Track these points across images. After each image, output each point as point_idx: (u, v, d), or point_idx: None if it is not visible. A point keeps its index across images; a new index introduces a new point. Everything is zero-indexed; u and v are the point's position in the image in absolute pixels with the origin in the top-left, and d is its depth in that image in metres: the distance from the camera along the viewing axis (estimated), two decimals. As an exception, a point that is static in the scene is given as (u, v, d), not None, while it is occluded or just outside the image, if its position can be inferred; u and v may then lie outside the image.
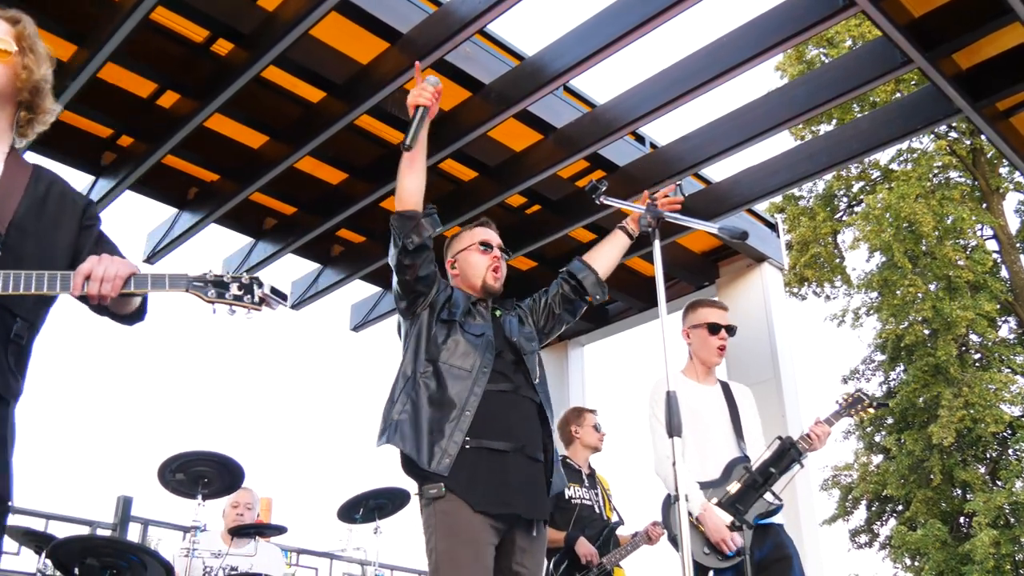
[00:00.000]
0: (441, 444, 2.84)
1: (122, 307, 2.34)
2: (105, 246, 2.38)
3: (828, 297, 23.42)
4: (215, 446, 5.02)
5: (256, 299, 2.41)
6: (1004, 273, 20.94)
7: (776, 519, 3.80)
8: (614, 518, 5.36)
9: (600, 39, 4.74)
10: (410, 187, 3.07)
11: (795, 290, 22.74)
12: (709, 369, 4.12)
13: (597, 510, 5.28)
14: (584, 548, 4.99)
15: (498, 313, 3.28)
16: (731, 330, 4.09)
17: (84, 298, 2.22)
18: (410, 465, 2.90)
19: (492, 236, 3.37)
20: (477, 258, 3.30)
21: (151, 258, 6.69)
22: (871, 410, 3.94)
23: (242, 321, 2.44)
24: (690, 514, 3.72)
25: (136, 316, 2.43)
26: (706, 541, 3.64)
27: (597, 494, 5.35)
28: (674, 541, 3.81)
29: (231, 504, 5.61)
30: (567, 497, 5.20)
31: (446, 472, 2.81)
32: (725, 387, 4.11)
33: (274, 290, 2.48)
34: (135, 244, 6.98)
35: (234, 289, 2.38)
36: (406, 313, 3.14)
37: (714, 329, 4.06)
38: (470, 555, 2.75)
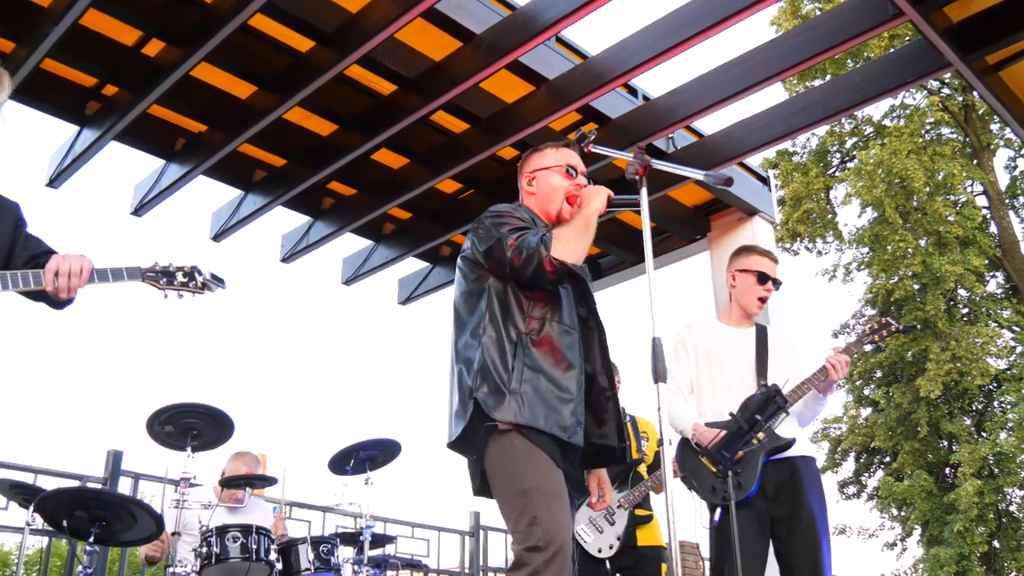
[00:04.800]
0: (577, 412, 2.72)
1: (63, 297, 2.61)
2: (35, 241, 2.72)
3: (820, 252, 23.54)
4: (206, 399, 4.99)
5: (199, 284, 2.82)
6: (993, 229, 21.04)
7: (801, 452, 3.79)
8: (638, 458, 5.35)
9: (592, -12, 4.68)
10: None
11: (787, 245, 22.81)
12: (746, 313, 4.10)
13: None
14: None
15: None
16: (777, 283, 4.06)
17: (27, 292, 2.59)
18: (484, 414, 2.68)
19: (578, 161, 3.13)
20: (559, 181, 3.07)
21: (138, 210, 6.64)
22: (899, 334, 3.96)
23: (188, 304, 2.81)
24: (698, 445, 3.77)
25: (68, 301, 2.66)
26: (713, 480, 3.67)
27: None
28: (685, 480, 3.84)
29: (234, 469, 5.60)
30: None
31: (580, 443, 2.71)
32: (760, 329, 4.09)
33: (213, 275, 2.88)
34: (121, 196, 6.91)
35: (180, 277, 2.78)
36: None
37: (763, 279, 4.02)
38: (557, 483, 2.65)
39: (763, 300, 4.04)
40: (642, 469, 5.34)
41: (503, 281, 2.82)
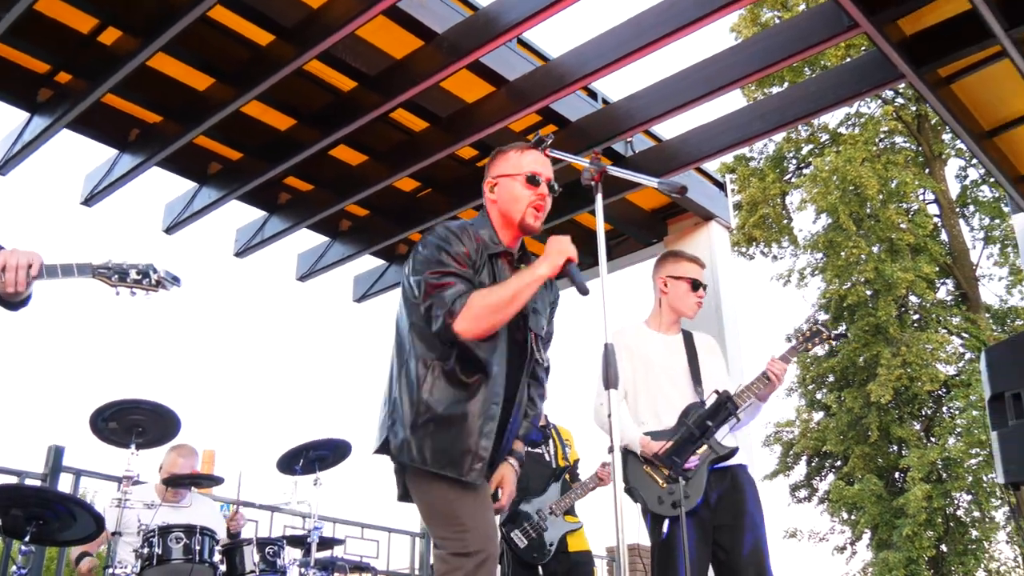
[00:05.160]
0: (481, 446, 2.65)
1: (13, 294, 2.54)
2: None
3: (775, 257, 23.85)
4: (153, 395, 4.89)
5: (153, 282, 2.77)
6: (944, 237, 21.44)
7: (738, 460, 3.86)
8: (566, 465, 5.43)
9: (554, -9, 4.69)
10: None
11: (743, 250, 23.06)
12: (676, 319, 4.14)
13: (547, 458, 5.36)
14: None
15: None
16: (705, 288, 4.14)
17: None
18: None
19: (543, 168, 2.96)
20: (520, 191, 2.91)
21: (89, 200, 6.53)
22: (831, 341, 4.01)
23: (141, 301, 2.77)
24: (642, 456, 3.78)
25: (24, 302, 2.62)
26: (660, 491, 3.69)
27: (548, 445, 5.43)
28: (631, 492, 3.83)
29: (170, 469, 5.50)
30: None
31: (478, 480, 2.65)
32: (687, 336, 4.14)
33: (168, 273, 2.83)
34: (72, 185, 6.79)
35: (133, 274, 2.73)
36: None
37: (696, 286, 4.08)
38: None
39: (698, 305, 4.11)
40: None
41: None
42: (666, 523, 3.69)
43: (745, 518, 3.73)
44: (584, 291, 2.62)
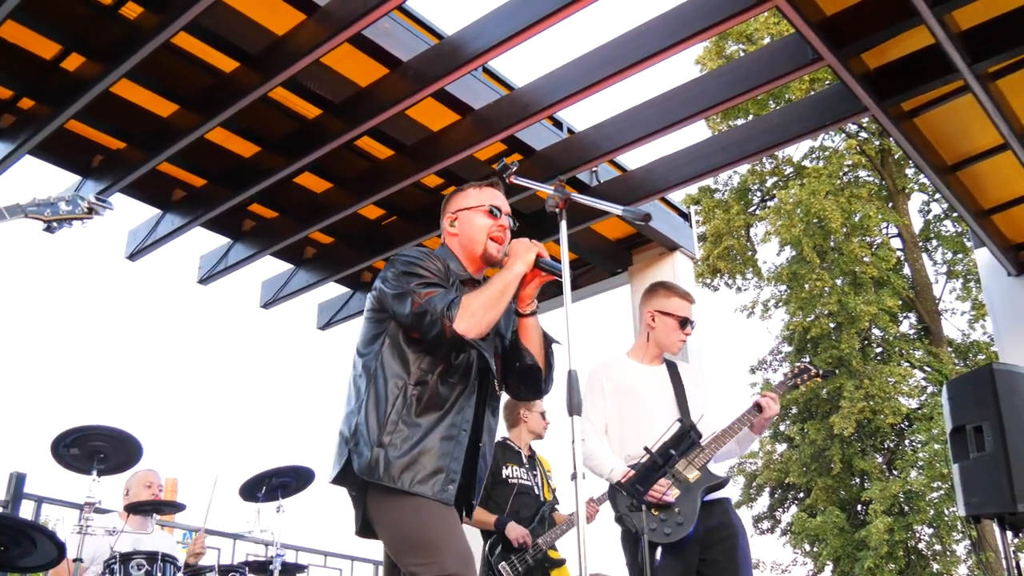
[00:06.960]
0: (451, 468, 2.64)
1: None
2: None
3: (740, 289, 24.01)
4: (115, 421, 4.83)
5: (85, 209, 2.74)
6: (906, 270, 21.70)
7: (724, 494, 3.86)
8: (551, 499, 5.41)
9: (520, 21, 4.71)
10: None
11: (708, 281, 23.21)
12: (660, 352, 4.13)
13: (536, 491, 5.33)
14: (515, 532, 5.00)
15: None
16: (693, 325, 4.10)
17: None
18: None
19: (502, 201, 3.05)
20: (483, 220, 2.97)
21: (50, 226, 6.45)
22: (819, 379, 4.02)
23: (78, 232, 2.78)
24: (613, 483, 3.76)
25: None
26: (652, 518, 3.67)
27: (536, 475, 5.40)
28: (620, 521, 3.82)
29: (143, 484, 5.43)
30: (504, 477, 5.23)
31: (450, 501, 2.61)
32: (671, 366, 4.12)
33: (98, 198, 2.80)
34: (34, 211, 6.70)
35: (63, 206, 2.73)
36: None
37: (684, 324, 4.04)
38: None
39: (683, 342, 4.09)
40: (561, 511, 5.39)
41: (400, 329, 2.77)
42: (659, 551, 3.67)
43: (738, 555, 3.74)
44: (559, 274, 2.68)
